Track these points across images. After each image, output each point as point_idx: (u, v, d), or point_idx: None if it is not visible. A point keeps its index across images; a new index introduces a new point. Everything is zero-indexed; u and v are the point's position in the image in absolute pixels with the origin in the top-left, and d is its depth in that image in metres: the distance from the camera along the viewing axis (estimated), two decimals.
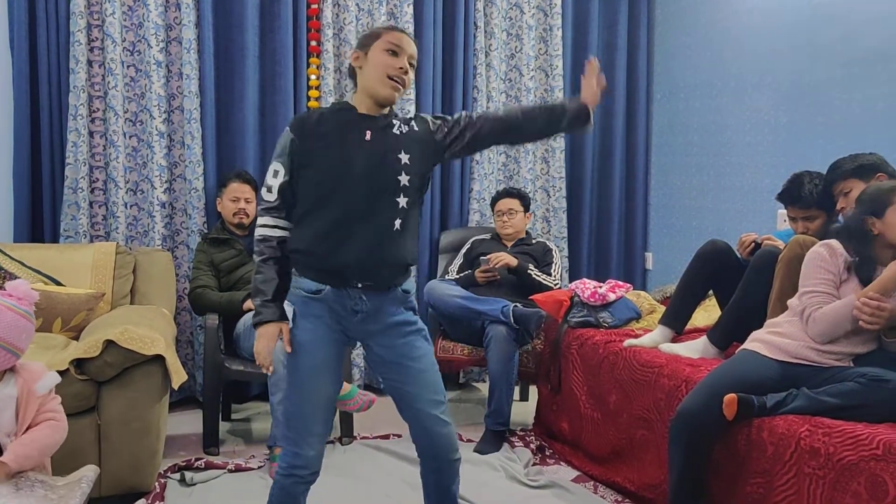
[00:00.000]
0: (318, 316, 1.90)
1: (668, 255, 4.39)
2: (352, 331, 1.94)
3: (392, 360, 1.96)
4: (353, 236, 1.86)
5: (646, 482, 2.57)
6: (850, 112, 3.14)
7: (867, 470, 1.80)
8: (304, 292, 1.90)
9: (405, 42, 1.91)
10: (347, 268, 1.87)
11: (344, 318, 1.91)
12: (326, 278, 1.88)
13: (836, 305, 2.15)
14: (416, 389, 1.95)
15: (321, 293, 1.88)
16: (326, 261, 1.87)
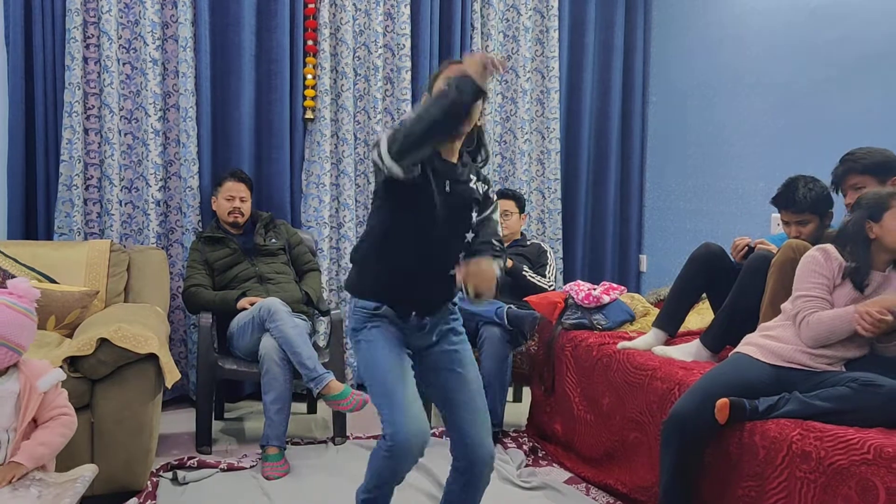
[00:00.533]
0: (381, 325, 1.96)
1: (662, 258, 4.40)
2: (410, 339, 2.01)
3: (444, 367, 2.02)
4: (419, 284, 1.95)
5: (638, 484, 2.58)
6: (846, 116, 3.16)
7: (858, 474, 1.81)
8: (363, 311, 1.98)
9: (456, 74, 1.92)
10: (408, 305, 1.96)
11: (403, 329, 1.99)
12: (386, 300, 1.96)
13: (832, 314, 2.16)
14: (465, 398, 1.99)
15: (381, 310, 1.96)
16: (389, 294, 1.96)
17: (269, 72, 3.76)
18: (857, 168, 2.51)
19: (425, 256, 1.94)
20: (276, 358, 2.95)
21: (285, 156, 3.80)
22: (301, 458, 3.02)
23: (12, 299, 1.95)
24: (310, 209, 3.87)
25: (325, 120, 3.82)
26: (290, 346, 2.94)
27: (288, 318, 3.01)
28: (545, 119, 4.33)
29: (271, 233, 3.50)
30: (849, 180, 2.53)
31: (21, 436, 1.91)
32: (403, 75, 3.95)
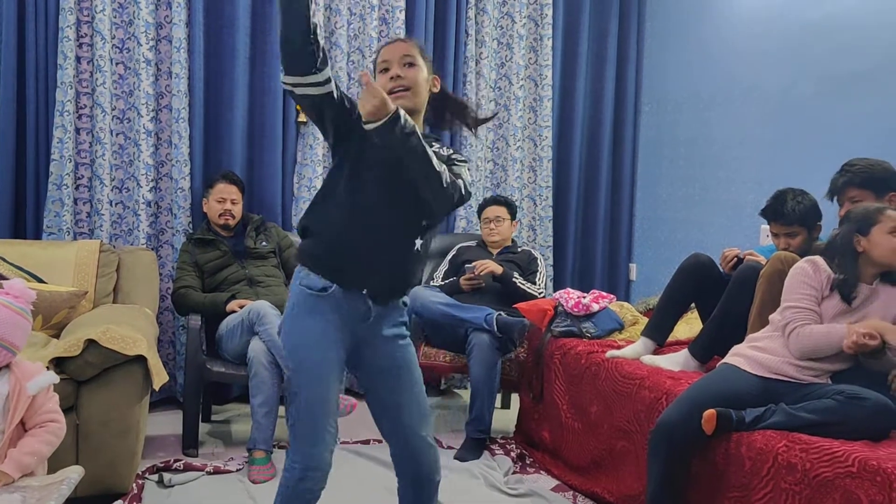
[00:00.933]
0: (324, 313, 1.81)
1: (651, 267, 4.42)
2: (357, 332, 1.86)
3: (386, 368, 1.91)
4: (379, 248, 1.81)
5: (624, 493, 2.58)
6: (836, 129, 3.18)
7: (842, 487, 1.82)
8: (308, 290, 1.81)
9: (390, 50, 1.86)
10: (365, 275, 1.82)
11: (350, 320, 1.83)
12: (337, 277, 1.80)
13: (822, 331, 2.17)
14: (406, 402, 1.91)
15: (328, 291, 1.80)
16: (344, 260, 1.81)
17: (262, 74, 3.75)
18: (856, 181, 2.51)
19: (385, 224, 1.81)
20: (265, 361, 2.94)
21: (277, 158, 3.79)
22: None
23: (9, 299, 1.94)
24: (301, 212, 3.86)
25: None
26: (279, 350, 2.94)
27: (277, 321, 3.00)
28: (537, 126, 4.35)
29: (262, 236, 3.49)
30: (847, 192, 2.53)
31: (8, 438, 1.90)
32: None
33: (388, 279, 1.86)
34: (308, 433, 1.81)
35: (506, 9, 4.27)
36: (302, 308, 1.83)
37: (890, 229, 2.17)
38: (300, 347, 1.82)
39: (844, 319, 2.21)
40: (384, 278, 1.85)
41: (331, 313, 1.81)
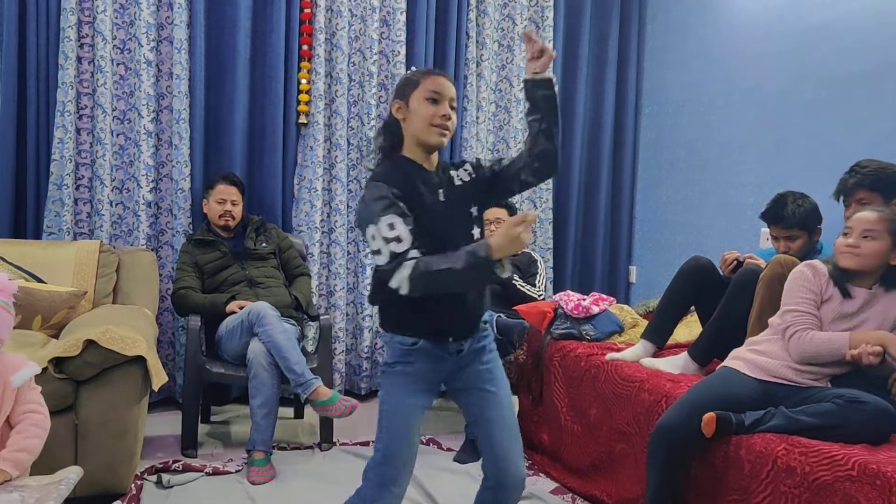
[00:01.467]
0: (416, 363, 1.89)
1: (651, 270, 4.42)
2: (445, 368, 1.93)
3: (475, 386, 1.96)
4: (448, 304, 1.86)
5: (623, 496, 2.58)
6: (836, 133, 3.18)
7: (842, 490, 1.82)
8: (400, 346, 1.90)
9: (444, 87, 1.87)
10: (442, 330, 1.88)
11: (443, 361, 1.91)
12: (422, 334, 1.88)
13: (824, 338, 2.17)
14: (498, 417, 1.95)
15: (418, 345, 1.88)
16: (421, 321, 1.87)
17: (263, 76, 3.76)
18: (866, 183, 2.49)
19: None
20: (264, 362, 2.94)
21: (278, 160, 3.79)
22: (287, 463, 3.01)
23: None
24: (301, 214, 3.86)
25: (318, 125, 3.82)
26: (279, 351, 2.94)
27: (277, 322, 3.01)
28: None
29: (262, 237, 3.49)
30: (856, 194, 2.52)
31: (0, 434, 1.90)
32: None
33: (465, 318, 1.92)
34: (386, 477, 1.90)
35: (507, 11, 4.27)
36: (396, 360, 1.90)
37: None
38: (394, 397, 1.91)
39: (844, 323, 2.21)
40: (463, 320, 1.91)
41: (423, 361, 1.89)
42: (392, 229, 1.72)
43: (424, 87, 1.86)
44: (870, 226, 2.18)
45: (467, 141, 4.14)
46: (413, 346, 1.87)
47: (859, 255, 2.19)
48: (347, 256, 3.98)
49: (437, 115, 1.84)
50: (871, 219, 2.18)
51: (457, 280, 1.71)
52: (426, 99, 1.85)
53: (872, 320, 2.19)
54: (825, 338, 2.17)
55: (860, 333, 2.15)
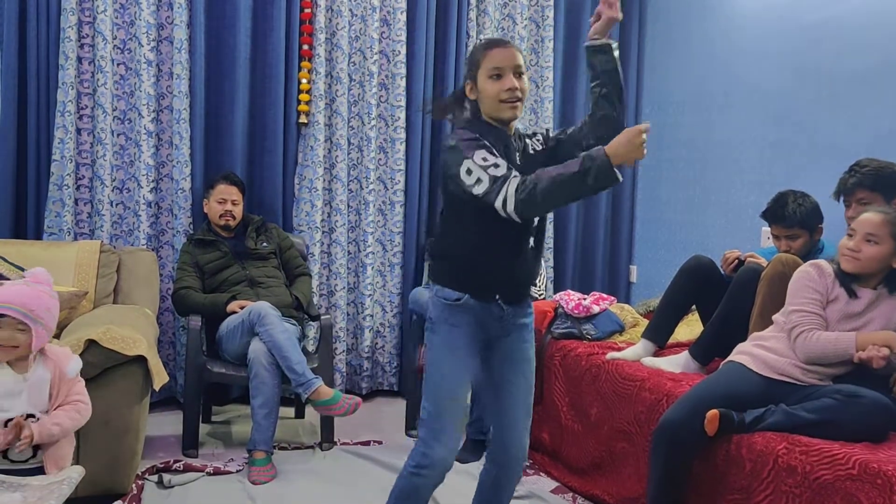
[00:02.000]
0: (460, 325, 1.93)
1: (652, 269, 4.42)
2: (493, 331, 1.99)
3: (508, 358, 2.02)
4: (500, 255, 1.92)
5: (624, 495, 2.58)
6: (836, 133, 3.18)
7: (843, 489, 1.82)
8: (444, 300, 1.94)
9: (504, 57, 1.89)
10: (492, 285, 1.94)
11: (486, 323, 1.96)
12: (468, 289, 1.92)
13: (831, 338, 2.17)
14: (519, 394, 2.03)
15: (462, 300, 1.92)
16: (473, 274, 1.93)
17: (263, 75, 3.75)
18: (866, 183, 2.49)
19: (505, 238, 1.93)
20: (265, 362, 2.94)
21: (278, 160, 3.79)
22: (288, 463, 3.01)
23: (42, 287, 2.01)
24: (302, 213, 3.86)
25: (318, 124, 3.82)
26: (280, 351, 2.94)
27: (278, 322, 3.01)
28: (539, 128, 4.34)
29: (262, 236, 3.49)
30: (856, 194, 2.51)
31: None
32: (398, 81, 3.96)
33: (514, 283, 1.97)
34: (432, 432, 1.93)
35: (507, 10, 4.27)
36: (440, 317, 1.95)
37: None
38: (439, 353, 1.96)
39: (850, 323, 2.21)
40: (511, 283, 1.96)
41: (466, 319, 1.93)
42: (486, 160, 1.77)
43: (485, 66, 1.90)
44: (873, 229, 2.17)
45: None
46: (457, 302, 1.92)
47: (860, 260, 2.18)
48: (348, 256, 3.98)
49: (503, 89, 1.87)
50: (874, 222, 2.18)
51: (571, 186, 1.69)
52: (489, 77, 1.89)
53: (878, 320, 2.19)
54: (832, 338, 2.17)
55: (866, 334, 2.14)
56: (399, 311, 4.07)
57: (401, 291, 4.06)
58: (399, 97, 3.96)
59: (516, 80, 1.89)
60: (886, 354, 2.06)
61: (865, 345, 2.11)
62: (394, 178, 4.00)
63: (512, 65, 1.89)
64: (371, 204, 3.96)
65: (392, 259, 4.05)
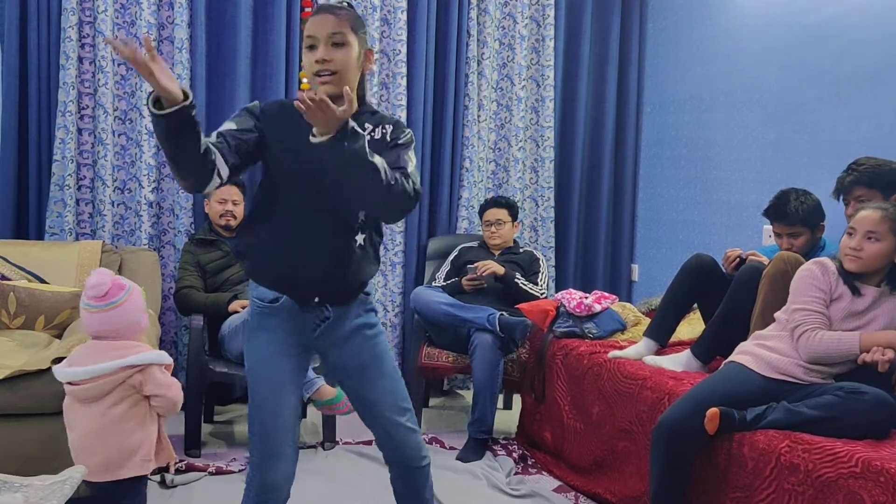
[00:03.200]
0: (274, 328, 1.77)
1: (653, 268, 4.42)
2: (311, 344, 1.83)
3: (353, 367, 1.85)
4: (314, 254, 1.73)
5: (627, 494, 2.58)
6: (837, 131, 3.18)
7: (846, 487, 1.82)
8: (259, 303, 1.78)
9: (315, 27, 1.66)
10: (309, 284, 1.76)
11: (308, 326, 1.79)
12: (284, 288, 1.76)
13: (834, 337, 2.16)
14: (380, 396, 1.86)
15: (279, 302, 1.76)
16: (285, 273, 1.76)
17: (263, 74, 3.75)
18: (863, 181, 2.49)
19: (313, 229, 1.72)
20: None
21: None
22: None
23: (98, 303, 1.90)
24: None
25: None
26: None
27: None
28: (539, 127, 4.34)
29: None
30: (854, 192, 2.52)
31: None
32: (399, 81, 3.96)
33: (334, 282, 1.77)
34: (262, 454, 1.76)
35: (507, 9, 4.27)
36: (255, 321, 1.79)
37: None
38: (253, 364, 1.79)
39: (853, 322, 2.21)
40: (330, 282, 1.76)
41: (286, 323, 1.77)
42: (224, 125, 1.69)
43: (305, 35, 1.69)
44: (873, 227, 2.17)
45: (468, 139, 4.14)
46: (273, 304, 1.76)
47: (862, 259, 2.18)
48: None
49: (313, 62, 1.65)
50: (874, 219, 2.17)
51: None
52: (306, 47, 1.68)
53: (881, 318, 2.19)
54: (835, 338, 2.16)
55: (870, 334, 2.14)
56: (401, 311, 4.07)
57: (402, 290, 4.06)
58: (400, 96, 3.96)
59: (332, 50, 1.64)
60: (891, 357, 2.06)
61: (869, 345, 2.11)
62: None
63: (326, 32, 1.64)
64: None
65: (393, 258, 4.05)
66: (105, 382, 1.86)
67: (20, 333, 2.86)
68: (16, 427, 2.39)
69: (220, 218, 3.40)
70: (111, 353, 1.88)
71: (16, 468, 2.26)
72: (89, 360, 1.87)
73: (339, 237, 1.75)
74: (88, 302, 1.90)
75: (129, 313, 1.92)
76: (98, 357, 1.87)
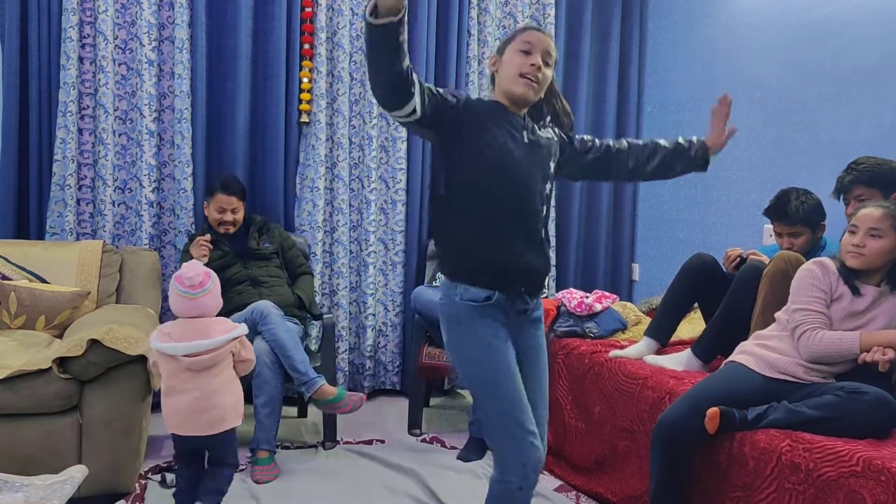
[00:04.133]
0: (492, 319, 1.82)
1: (654, 267, 4.42)
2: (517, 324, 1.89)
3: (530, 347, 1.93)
4: (521, 251, 1.84)
5: (628, 493, 2.58)
6: (837, 130, 3.18)
7: (846, 486, 1.82)
8: (473, 303, 1.82)
9: (538, 39, 1.86)
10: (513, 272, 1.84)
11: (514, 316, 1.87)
12: (494, 283, 1.82)
13: (835, 337, 2.16)
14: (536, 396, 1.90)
15: (492, 299, 1.82)
16: (492, 262, 1.82)
17: (264, 75, 3.75)
18: (863, 180, 2.50)
19: (517, 212, 1.83)
20: (268, 361, 2.94)
21: (279, 159, 3.79)
22: (291, 461, 3.01)
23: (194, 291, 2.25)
24: (303, 213, 3.86)
25: (320, 124, 3.82)
26: (282, 350, 2.94)
27: (280, 321, 3.01)
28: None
29: (265, 236, 3.49)
30: (854, 191, 2.53)
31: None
32: None
33: (534, 269, 1.88)
34: (513, 444, 1.78)
35: (508, 8, 4.27)
36: (467, 321, 1.82)
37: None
38: (477, 360, 1.82)
39: (854, 321, 2.21)
40: (533, 270, 1.87)
41: (498, 317, 1.83)
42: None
43: (519, 40, 1.87)
44: (875, 224, 2.17)
45: None
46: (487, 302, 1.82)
47: (865, 255, 2.18)
48: (350, 255, 3.98)
49: (527, 64, 1.84)
50: (876, 216, 2.18)
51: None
52: (519, 50, 1.86)
53: (881, 317, 2.19)
54: (835, 338, 2.16)
55: (870, 334, 2.14)
56: (401, 310, 4.07)
57: (403, 290, 4.06)
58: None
59: (542, 64, 1.86)
60: (891, 357, 2.06)
61: (869, 345, 2.11)
62: (395, 176, 4.00)
63: (543, 48, 1.86)
64: (373, 203, 3.96)
65: (394, 258, 4.05)
66: (219, 353, 2.24)
67: (21, 333, 2.86)
68: (16, 427, 2.40)
69: (220, 226, 3.37)
70: (215, 327, 2.28)
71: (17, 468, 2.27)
72: (194, 337, 2.22)
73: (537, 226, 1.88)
74: (186, 290, 2.26)
75: (216, 297, 2.33)
76: (205, 333, 2.24)
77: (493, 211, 1.81)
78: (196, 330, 2.25)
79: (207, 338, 2.24)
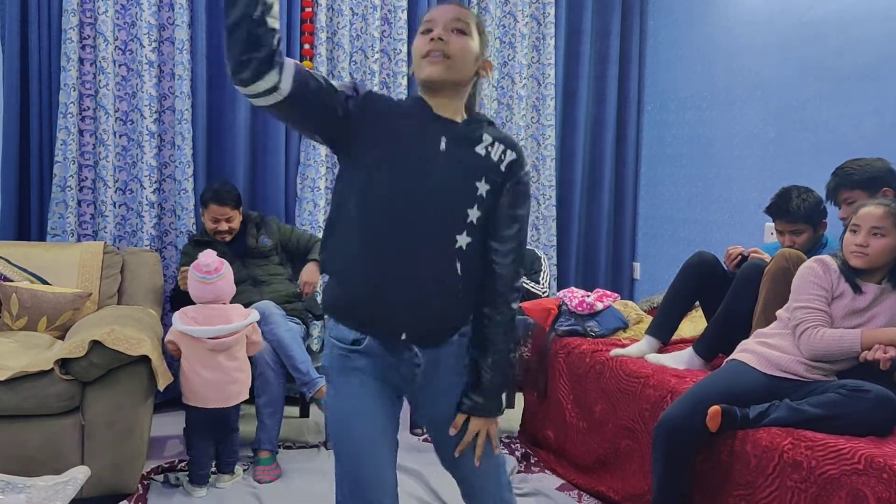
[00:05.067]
0: (361, 372, 1.50)
1: (655, 266, 4.42)
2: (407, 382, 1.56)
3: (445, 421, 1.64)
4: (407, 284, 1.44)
5: (629, 492, 2.58)
6: (838, 128, 3.18)
7: (848, 484, 1.82)
8: (340, 345, 1.50)
9: (439, 12, 1.49)
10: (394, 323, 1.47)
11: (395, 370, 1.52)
12: (365, 326, 1.48)
13: (836, 335, 2.16)
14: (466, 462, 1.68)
15: (362, 344, 1.48)
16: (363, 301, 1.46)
17: None
18: (847, 183, 2.54)
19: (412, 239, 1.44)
20: (270, 361, 2.94)
21: (280, 159, 3.79)
22: (293, 462, 3.01)
23: (211, 276, 2.64)
24: (304, 213, 3.86)
25: None
26: (284, 350, 2.94)
27: (282, 321, 3.01)
28: (541, 126, 4.34)
29: (262, 232, 3.46)
30: (841, 195, 2.56)
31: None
32: (399, 80, 3.96)
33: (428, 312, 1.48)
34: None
35: (508, 7, 4.27)
36: (334, 368, 1.52)
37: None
38: (337, 423, 1.51)
39: (855, 319, 2.20)
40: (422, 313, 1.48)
41: (369, 369, 1.50)
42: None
43: (422, 20, 1.52)
44: (877, 222, 2.17)
45: None
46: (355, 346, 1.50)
47: (868, 255, 2.18)
48: None
49: (426, 41, 1.47)
50: (877, 214, 2.17)
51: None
52: (420, 33, 1.51)
53: (882, 315, 2.18)
54: (836, 336, 2.16)
55: (871, 332, 2.14)
56: None
57: None
58: (400, 96, 3.96)
59: (450, 34, 1.47)
60: (893, 355, 2.06)
61: (870, 342, 2.10)
62: None
63: (447, 18, 1.48)
64: None
65: None
66: (237, 336, 2.64)
67: (22, 335, 2.87)
68: (18, 428, 2.40)
69: (216, 235, 3.33)
70: (235, 312, 2.69)
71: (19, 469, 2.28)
72: (217, 321, 2.61)
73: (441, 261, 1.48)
74: (203, 276, 2.65)
75: (230, 283, 2.73)
76: (226, 318, 2.64)
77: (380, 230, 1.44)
78: (219, 315, 2.63)
79: (229, 322, 2.61)
